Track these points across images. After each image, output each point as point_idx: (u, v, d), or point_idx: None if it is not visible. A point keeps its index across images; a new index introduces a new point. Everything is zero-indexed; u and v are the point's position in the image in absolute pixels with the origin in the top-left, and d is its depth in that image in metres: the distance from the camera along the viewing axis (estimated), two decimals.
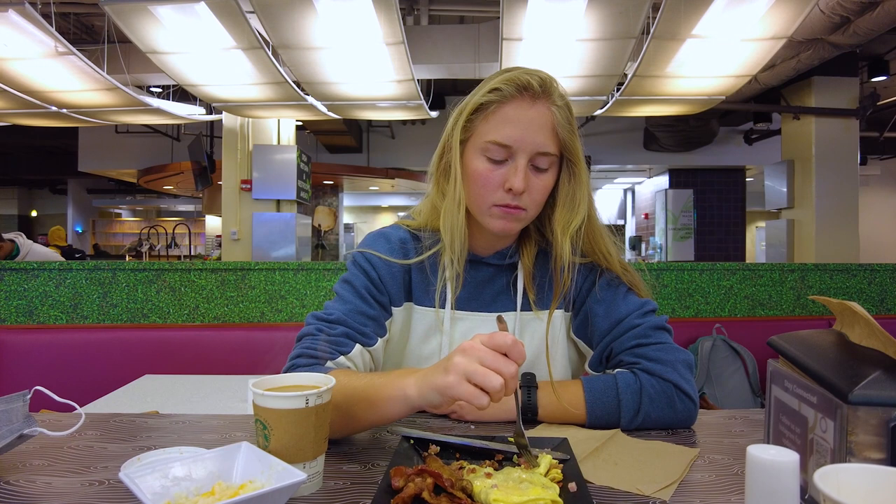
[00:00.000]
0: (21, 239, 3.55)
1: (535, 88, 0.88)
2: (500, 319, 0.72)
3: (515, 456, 0.70)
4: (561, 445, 0.73)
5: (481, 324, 0.99)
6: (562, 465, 0.67)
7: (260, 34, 3.74)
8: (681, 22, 3.42)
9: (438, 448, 0.73)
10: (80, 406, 0.83)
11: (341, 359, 0.88)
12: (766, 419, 0.69)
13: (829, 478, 0.41)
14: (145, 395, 1.79)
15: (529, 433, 0.82)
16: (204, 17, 3.39)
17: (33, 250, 3.56)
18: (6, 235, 3.51)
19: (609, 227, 1.01)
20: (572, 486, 0.62)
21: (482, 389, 0.64)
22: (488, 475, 0.62)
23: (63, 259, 4.20)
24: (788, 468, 0.47)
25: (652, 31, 3.54)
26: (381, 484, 0.62)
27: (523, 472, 0.63)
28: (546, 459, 0.67)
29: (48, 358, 2.32)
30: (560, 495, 0.59)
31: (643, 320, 0.93)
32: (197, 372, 2.22)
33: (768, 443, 0.68)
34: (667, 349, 0.90)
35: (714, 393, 2.56)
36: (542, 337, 0.98)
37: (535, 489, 0.58)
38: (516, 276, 1.00)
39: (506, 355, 0.65)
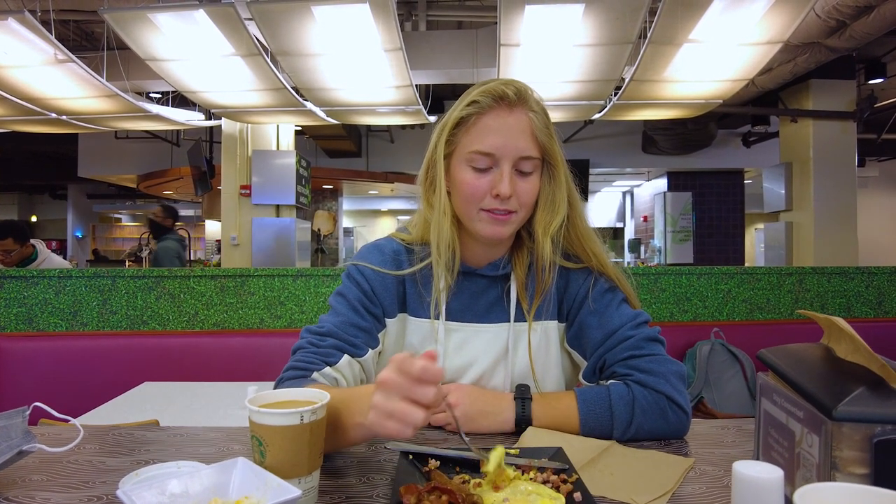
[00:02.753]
0: (41, 246, 3.58)
1: (510, 97, 0.91)
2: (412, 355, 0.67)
3: (514, 467, 0.71)
4: (557, 455, 0.74)
5: (475, 335, 1.00)
6: (563, 474, 0.68)
7: (259, 41, 3.75)
8: (678, 26, 3.44)
9: (438, 462, 0.73)
10: (80, 414, 0.83)
11: (327, 370, 0.89)
12: (756, 432, 0.70)
13: (808, 498, 0.42)
14: (145, 402, 1.80)
15: (522, 443, 0.83)
16: (203, 25, 3.41)
17: (50, 259, 3.58)
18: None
19: (600, 230, 1.03)
20: (577, 496, 0.63)
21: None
22: (496, 488, 0.63)
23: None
24: (772, 485, 0.48)
25: (649, 35, 3.56)
26: (391, 501, 0.62)
27: (530, 484, 0.64)
28: (497, 452, 0.67)
29: (48, 365, 2.33)
30: None
31: (636, 332, 0.94)
32: (197, 379, 2.22)
33: (757, 456, 0.69)
34: (659, 361, 0.91)
35: (713, 397, 2.56)
36: (535, 347, 0.99)
37: (543, 500, 0.60)
38: (509, 286, 1.01)
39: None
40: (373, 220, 14.43)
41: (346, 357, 0.91)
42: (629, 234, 11.80)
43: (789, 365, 0.64)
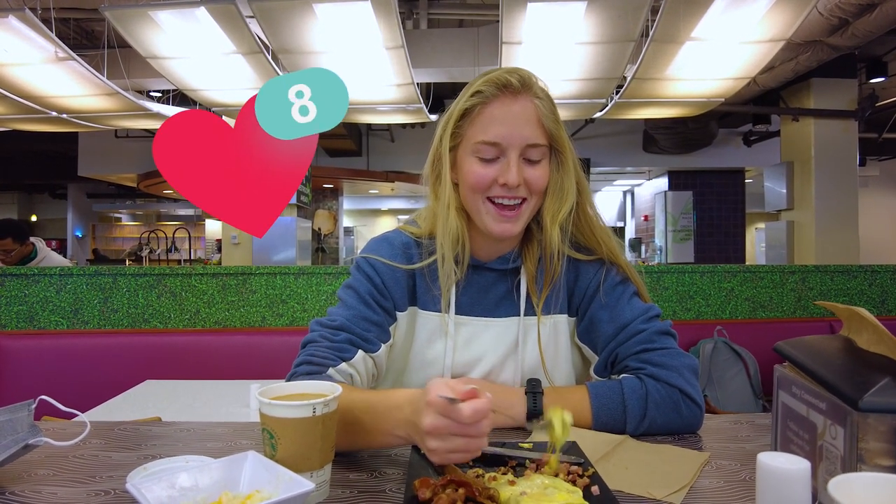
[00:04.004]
0: (41, 244, 3.56)
1: (515, 85, 0.90)
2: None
3: (528, 461, 0.70)
4: (571, 449, 0.73)
5: (484, 329, 0.99)
6: (580, 468, 0.68)
7: (260, 39, 3.74)
8: (680, 25, 3.43)
9: None
10: (82, 412, 0.82)
11: (343, 365, 0.88)
12: (774, 425, 0.69)
13: (841, 487, 0.41)
14: (147, 400, 1.79)
15: (535, 437, 0.82)
16: (204, 22, 3.40)
17: (49, 257, 3.57)
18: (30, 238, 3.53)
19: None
20: (595, 489, 0.62)
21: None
22: (512, 483, 0.62)
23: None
24: (800, 476, 0.46)
25: (651, 33, 3.55)
26: (405, 496, 0.61)
27: (546, 477, 0.63)
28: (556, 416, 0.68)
29: (49, 363, 2.32)
30: (584, 498, 0.60)
31: (648, 325, 0.93)
32: (198, 377, 2.21)
33: (776, 449, 0.68)
34: (672, 354, 0.90)
35: (715, 395, 2.56)
36: (545, 341, 0.98)
37: (561, 494, 0.59)
38: (519, 280, 1.00)
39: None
40: (373, 219, 14.42)
41: (360, 352, 0.90)
42: (630, 233, 11.80)
43: (810, 356, 0.62)
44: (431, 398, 0.62)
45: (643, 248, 10.54)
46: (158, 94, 6.58)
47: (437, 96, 6.45)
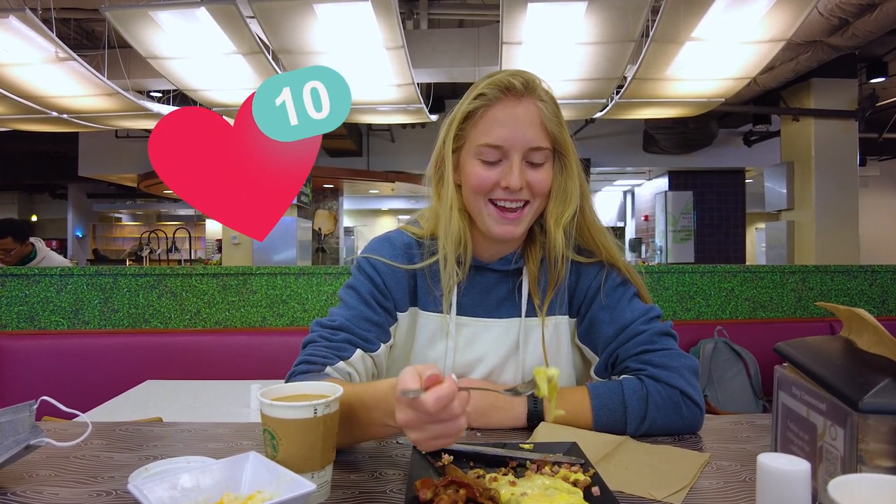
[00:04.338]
0: (40, 244, 3.57)
1: (518, 88, 0.90)
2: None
3: (529, 462, 0.71)
4: (572, 450, 0.73)
5: (485, 330, 0.99)
6: (580, 468, 0.68)
7: (260, 39, 3.74)
8: (680, 25, 3.43)
9: (452, 457, 0.72)
10: (82, 412, 0.82)
11: (340, 364, 0.88)
12: (774, 425, 0.69)
13: (842, 488, 0.41)
14: (147, 400, 1.80)
15: (535, 438, 0.82)
16: (204, 23, 3.40)
17: (49, 257, 3.57)
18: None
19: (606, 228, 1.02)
20: (595, 490, 0.62)
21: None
22: (513, 483, 0.62)
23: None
24: (800, 477, 0.47)
25: (651, 34, 3.55)
26: (406, 497, 0.61)
27: (546, 478, 0.63)
28: (540, 374, 0.67)
29: (50, 364, 2.32)
30: (584, 499, 0.60)
31: (648, 326, 0.93)
32: (199, 377, 2.22)
33: (776, 449, 0.68)
34: (672, 355, 0.90)
35: (716, 395, 2.56)
36: (546, 342, 0.98)
37: (562, 495, 0.59)
38: (521, 281, 1.00)
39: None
40: (373, 219, 14.43)
41: (358, 352, 0.91)
42: (630, 233, 11.80)
43: (810, 357, 0.63)
44: (397, 395, 0.62)
45: (643, 248, 10.54)
46: (159, 94, 6.58)
47: (437, 96, 6.45)
